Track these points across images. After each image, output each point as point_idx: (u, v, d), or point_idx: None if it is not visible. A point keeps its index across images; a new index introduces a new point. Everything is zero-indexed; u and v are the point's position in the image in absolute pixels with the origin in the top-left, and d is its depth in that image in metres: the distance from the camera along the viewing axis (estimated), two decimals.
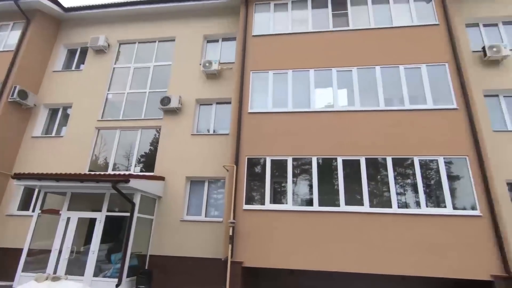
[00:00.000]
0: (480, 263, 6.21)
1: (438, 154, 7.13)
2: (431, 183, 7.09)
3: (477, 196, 6.69)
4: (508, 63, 8.54)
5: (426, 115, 7.51)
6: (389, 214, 6.81)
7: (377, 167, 7.33)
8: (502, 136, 7.90)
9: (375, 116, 7.69)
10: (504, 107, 8.47)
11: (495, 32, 9.30)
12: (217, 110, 9.85)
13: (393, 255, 6.50)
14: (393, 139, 7.39)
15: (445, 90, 7.71)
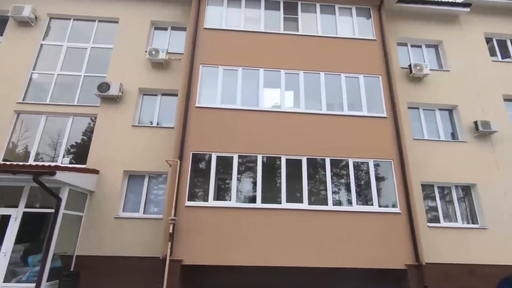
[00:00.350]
0: (398, 254, 7.08)
1: (369, 157, 7.90)
2: (362, 183, 7.82)
3: (398, 195, 7.61)
4: (428, 81, 9.86)
5: (361, 121, 8.25)
6: (325, 211, 7.32)
7: (317, 167, 7.81)
8: (420, 144, 9.09)
9: (317, 119, 8.17)
10: (423, 118, 9.76)
11: (419, 52, 10.65)
12: (162, 102, 9.37)
13: (328, 249, 7.01)
14: (332, 142, 7.95)
15: (378, 100, 8.57)
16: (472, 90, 9.88)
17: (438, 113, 9.85)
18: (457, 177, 8.85)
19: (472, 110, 9.59)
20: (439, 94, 9.75)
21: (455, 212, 8.80)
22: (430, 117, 9.85)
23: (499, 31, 10.91)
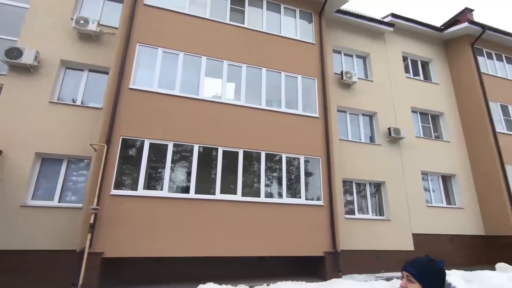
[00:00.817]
0: (318, 242, 7.78)
1: (300, 153, 8.44)
2: (292, 177, 8.34)
3: (322, 189, 8.33)
4: (355, 88, 10.96)
5: (296, 119, 8.74)
6: (257, 202, 7.60)
7: (252, 160, 8.03)
8: (345, 144, 10.10)
9: (256, 113, 8.36)
10: (349, 121, 10.84)
11: (350, 61, 11.74)
12: (89, 79, 8.41)
13: (258, 239, 7.30)
14: (268, 136, 8.24)
15: (312, 101, 9.19)
16: (388, 100, 11.34)
17: (361, 118, 11.06)
18: (371, 175, 10.12)
19: (387, 118, 11.02)
20: (363, 101, 10.94)
21: (367, 206, 10.08)
22: (355, 121, 11.00)
23: (413, 52, 12.71)
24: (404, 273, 1.49)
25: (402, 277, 1.51)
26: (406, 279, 1.47)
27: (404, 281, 1.48)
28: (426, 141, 11.47)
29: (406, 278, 1.47)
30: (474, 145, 11.70)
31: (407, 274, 1.47)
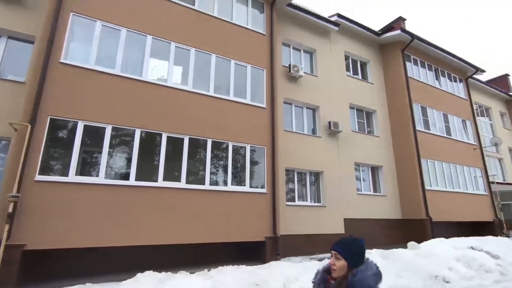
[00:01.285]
0: (260, 228, 8.11)
1: (247, 142, 8.59)
2: (238, 165, 8.47)
3: (266, 177, 8.65)
4: (302, 82, 11.46)
5: (244, 108, 8.83)
6: (202, 190, 7.56)
7: (198, 148, 7.92)
8: (289, 135, 10.57)
9: (204, 100, 8.22)
10: (294, 113, 11.34)
11: (298, 55, 12.19)
12: (8, 47, 7.27)
13: (202, 226, 7.30)
14: (215, 124, 8.19)
15: (260, 91, 9.36)
16: (330, 95, 12.13)
17: (305, 111, 11.66)
18: (312, 165, 10.81)
19: (328, 112, 11.81)
20: (308, 95, 11.52)
21: (307, 193, 10.79)
22: (299, 113, 11.55)
23: (354, 53, 13.73)
24: (332, 252, 1.70)
25: (331, 256, 1.71)
26: (334, 257, 1.68)
27: (332, 259, 1.69)
28: (360, 135, 12.63)
29: (334, 256, 1.68)
30: (398, 140, 13.27)
31: (335, 253, 1.69)
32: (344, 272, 1.64)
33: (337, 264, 1.65)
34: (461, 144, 14.87)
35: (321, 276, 1.75)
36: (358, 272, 1.59)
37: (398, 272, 5.94)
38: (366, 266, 1.64)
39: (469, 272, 6.80)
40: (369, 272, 1.60)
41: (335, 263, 1.67)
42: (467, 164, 14.62)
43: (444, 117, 14.82)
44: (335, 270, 1.66)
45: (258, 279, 4.51)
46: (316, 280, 1.76)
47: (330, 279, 1.70)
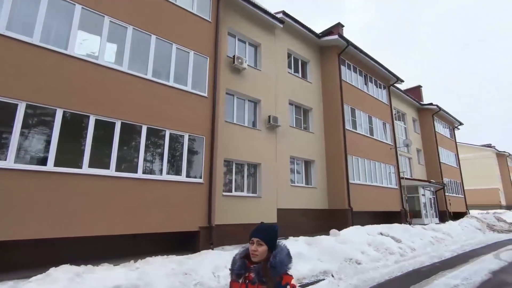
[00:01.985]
0: (195, 218, 8.06)
1: (185, 131, 8.38)
2: (174, 154, 8.23)
3: (204, 168, 8.59)
4: (245, 74, 11.57)
5: (184, 96, 8.56)
6: (134, 178, 7.16)
7: (132, 133, 7.45)
8: (229, 126, 10.63)
9: (140, 83, 7.72)
10: (235, 105, 11.42)
11: (243, 47, 12.24)
12: None
13: (132, 216, 6.92)
14: (152, 110, 7.79)
15: (202, 79, 9.17)
16: (271, 90, 12.52)
17: (247, 103, 11.84)
18: (250, 157, 11.09)
19: (269, 106, 12.20)
20: (251, 88, 11.70)
21: (244, 184, 11.05)
22: (241, 105, 11.68)
23: (296, 51, 14.36)
24: (254, 239, 1.83)
25: (252, 243, 1.82)
26: (257, 244, 1.82)
27: (255, 246, 1.82)
28: (296, 131, 13.38)
29: (257, 243, 1.81)
30: (329, 137, 14.44)
31: (257, 239, 1.82)
32: (265, 256, 1.78)
33: (259, 250, 1.79)
34: (381, 144, 16.90)
35: (241, 262, 1.85)
36: (277, 254, 1.77)
37: (319, 256, 6.57)
38: (281, 248, 1.82)
39: (377, 254, 7.89)
40: (284, 253, 1.80)
41: (257, 249, 1.79)
42: (384, 162, 16.69)
43: (369, 119, 16.61)
44: (257, 255, 1.79)
45: (187, 269, 4.51)
46: (237, 267, 1.84)
47: (249, 264, 1.82)
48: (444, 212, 21.76)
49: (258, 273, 1.74)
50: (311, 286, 5.49)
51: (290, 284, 1.72)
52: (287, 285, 1.71)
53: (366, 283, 5.85)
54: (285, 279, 1.72)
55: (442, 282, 6.01)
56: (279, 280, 1.70)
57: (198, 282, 4.28)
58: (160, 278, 3.99)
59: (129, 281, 3.68)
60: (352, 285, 5.60)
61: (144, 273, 4.00)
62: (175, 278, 4.15)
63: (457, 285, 5.79)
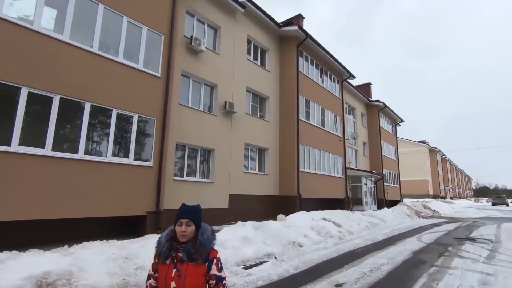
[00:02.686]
0: (143, 202, 7.80)
1: (135, 111, 7.94)
2: (122, 135, 7.79)
3: (154, 151, 8.29)
4: (203, 57, 11.24)
5: (134, 74, 8.06)
6: (74, 159, 6.64)
7: (73, 111, 6.84)
8: (184, 109, 10.34)
9: (84, 56, 7.07)
10: (191, 88, 11.10)
11: (202, 29, 11.83)
12: None
13: (75, 199, 6.44)
14: (98, 86, 7.21)
15: (156, 58, 8.71)
16: (229, 76, 12.39)
17: (203, 87, 11.58)
18: (204, 142, 10.96)
19: (226, 92, 12.08)
20: (208, 72, 11.44)
21: (196, 169, 10.94)
22: (197, 89, 11.39)
23: (256, 38, 14.30)
24: (183, 221, 1.87)
25: (180, 225, 1.86)
26: (186, 225, 1.87)
27: (184, 227, 1.87)
28: (252, 118, 13.50)
29: (186, 224, 1.87)
30: (284, 126, 14.86)
31: (186, 220, 1.86)
32: (192, 235, 1.87)
33: (188, 230, 1.86)
34: (331, 135, 17.88)
35: (169, 244, 1.88)
36: (204, 232, 1.91)
37: (264, 240, 6.86)
38: (206, 227, 1.96)
39: (319, 238, 8.48)
40: (209, 230, 1.95)
41: (186, 229, 1.86)
42: (333, 152, 17.74)
43: (322, 111, 17.40)
44: (187, 235, 1.86)
45: (128, 253, 4.37)
46: (165, 249, 1.87)
47: (177, 245, 1.87)
48: (381, 200, 24.04)
49: (189, 251, 1.82)
50: (255, 268, 5.74)
51: (216, 257, 1.88)
52: (214, 259, 1.87)
53: (306, 264, 6.29)
54: (212, 253, 1.88)
55: (371, 262, 6.71)
56: (207, 255, 1.85)
57: (139, 266, 4.19)
58: (97, 264, 3.81)
59: (61, 266, 3.44)
60: (293, 266, 5.98)
61: (79, 259, 3.77)
62: (114, 263, 4.01)
63: (383, 264, 6.52)
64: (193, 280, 1.79)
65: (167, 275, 1.81)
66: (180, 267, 1.81)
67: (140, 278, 4.00)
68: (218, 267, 1.86)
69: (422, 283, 5.21)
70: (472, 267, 6.36)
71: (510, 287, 5.04)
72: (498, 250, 8.34)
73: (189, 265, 1.80)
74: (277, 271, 5.67)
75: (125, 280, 3.82)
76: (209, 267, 1.83)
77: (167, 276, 1.80)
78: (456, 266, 6.43)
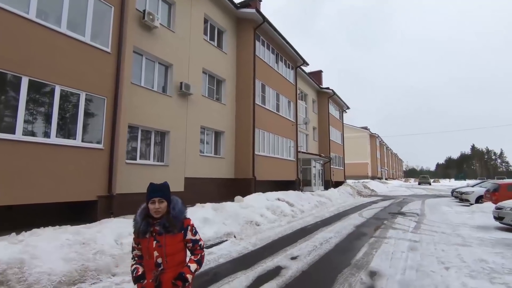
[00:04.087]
0: (93, 186, 7.35)
1: (82, 89, 7.29)
2: (67, 115, 7.13)
3: (104, 132, 7.77)
4: (157, 34, 10.61)
5: (80, 47, 7.34)
6: (11, 140, 5.93)
7: (7, 86, 6.04)
8: (136, 89, 9.76)
9: (18, 23, 6.20)
10: (144, 66, 10.47)
11: (156, 3, 11.08)
12: None
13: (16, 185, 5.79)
14: (38, 60, 6.43)
15: (104, 32, 8.01)
16: (185, 55, 11.95)
17: (157, 66, 11.00)
18: (158, 124, 10.55)
19: (181, 72, 11.66)
20: (162, 50, 10.86)
21: (150, 152, 10.54)
22: (150, 68, 10.78)
23: (214, 18, 13.88)
24: (156, 199, 2.01)
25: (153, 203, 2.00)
26: (158, 202, 2.03)
27: (157, 204, 2.02)
28: (208, 101, 13.31)
29: (158, 201, 2.03)
30: (240, 110, 14.95)
31: (159, 198, 1.99)
32: (165, 210, 2.04)
33: (162, 206, 2.02)
34: (285, 120, 18.52)
35: (146, 221, 2.03)
36: (175, 206, 2.08)
37: (223, 220, 7.05)
38: (176, 200, 2.13)
39: (274, 217, 8.97)
40: (180, 203, 2.13)
41: (160, 206, 2.02)
42: (286, 136, 18.45)
43: (277, 96, 17.84)
44: (160, 212, 2.02)
45: (84, 238, 4.16)
46: (143, 226, 2.02)
47: (153, 221, 2.03)
48: (328, 181, 25.93)
49: (164, 225, 2.00)
50: (215, 247, 5.92)
51: (190, 224, 2.10)
52: (188, 226, 2.09)
53: (263, 241, 6.67)
54: (185, 222, 2.09)
55: (321, 236, 7.39)
56: (181, 224, 2.06)
57: (98, 251, 4.03)
58: (50, 251, 3.57)
59: (10, 255, 3.15)
60: (251, 244, 6.30)
61: (30, 246, 3.49)
62: (69, 249, 3.79)
63: (331, 237, 7.22)
64: (172, 248, 2.01)
65: (149, 246, 1.99)
66: (159, 238, 2.00)
67: (100, 262, 3.89)
68: (192, 232, 2.09)
69: (363, 252, 5.94)
70: (402, 236, 7.41)
71: (431, 250, 6.04)
72: (423, 222, 9.78)
73: (167, 236, 2.00)
74: (236, 248, 5.94)
75: (84, 265, 3.66)
76: (184, 234, 2.06)
77: (149, 248, 1.99)
78: (390, 236, 7.43)
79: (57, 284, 3.27)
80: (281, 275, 4.49)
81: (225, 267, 4.89)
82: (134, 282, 2.06)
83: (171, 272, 1.98)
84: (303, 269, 4.80)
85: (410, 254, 5.76)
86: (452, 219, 10.29)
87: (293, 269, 4.77)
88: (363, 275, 4.53)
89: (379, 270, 4.77)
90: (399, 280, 4.30)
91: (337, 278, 4.39)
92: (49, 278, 3.24)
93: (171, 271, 1.98)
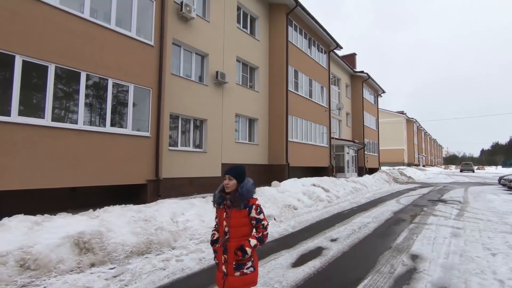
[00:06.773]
0: (142, 171, 8.03)
1: (130, 81, 7.87)
2: (119, 105, 7.77)
3: (151, 121, 8.37)
4: (193, 25, 10.95)
5: (127, 42, 7.87)
6: (74, 130, 6.66)
7: (68, 80, 6.73)
8: (176, 79, 10.26)
9: (76, 22, 6.80)
10: (182, 57, 10.92)
11: None
12: None
13: (77, 169, 6.56)
14: (92, 55, 7.05)
15: (148, 26, 8.47)
16: (220, 45, 12.21)
17: (194, 56, 11.41)
18: (196, 112, 11.05)
19: (217, 61, 11.98)
20: (199, 40, 11.22)
21: (189, 139, 11.12)
22: (188, 58, 11.22)
23: (246, 6, 13.92)
24: (226, 176, 2.39)
25: (225, 179, 2.37)
26: (228, 179, 2.37)
27: (227, 180, 2.38)
28: (242, 89, 13.57)
29: (228, 178, 2.37)
30: (273, 97, 15.06)
31: (228, 176, 2.35)
32: (235, 187, 2.35)
33: (230, 183, 2.36)
34: (317, 106, 18.32)
35: (219, 195, 2.42)
36: (244, 185, 2.36)
37: (263, 204, 7.39)
38: (248, 181, 2.42)
39: (310, 201, 9.17)
40: (250, 183, 2.40)
41: (229, 182, 2.36)
42: (318, 123, 18.30)
43: (309, 82, 17.64)
44: (229, 187, 2.35)
45: (146, 216, 4.71)
46: (217, 199, 2.42)
47: (225, 195, 2.39)
48: (362, 168, 25.41)
49: (231, 200, 2.33)
50: None
51: (255, 204, 2.35)
52: (253, 205, 2.34)
53: (301, 224, 6.93)
54: (251, 201, 2.35)
55: (359, 221, 7.48)
56: (247, 202, 2.32)
57: (158, 227, 4.56)
58: (121, 225, 4.13)
59: (91, 227, 3.73)
60: (290, 226, 6.59)
61: (105, 221, 4.07)
62: (135, 224, 4.34)
63: (369, 222, 7.29)
64: (236, 220, 2.31)
65: (220, 216, 2.39)
66: (228, 211, 2.34)
67: (161, 237, 4.39)
68: (256, 211, 2.34)
69: (404, 237, 5.97)
70: (444, 223, 7.27)
71: (476, 237, 5.91)
72: (466, 209, 9.42)
73: (233, 210, 2.32)
74: (277, 230, 6.26)
75: (149, 239, 4.19)
76: (249, 211, 2.32)
77: (220, 217, 2.39)
78: (431, 223, 7.32)
79: (129, 253, 3.81)
80: (323, 254, 4.72)
81: (268, 245, 5.21)
82: (211, 244, 2.49)
83: (235, 242, 2.30)
84: (344, 250, 4.99)
85: (453, 240, 5.70)
86: (499, 208, 9.79)
87: (334, 250, 4.98)
88: (404, 257, 4.62)
89: (421, 254, 4.82)
90: (442, 264, 4.34)
91: (379, 259, 4.53)
92: (123, 248, 3.77)
93: (235, 241, 2.30)
